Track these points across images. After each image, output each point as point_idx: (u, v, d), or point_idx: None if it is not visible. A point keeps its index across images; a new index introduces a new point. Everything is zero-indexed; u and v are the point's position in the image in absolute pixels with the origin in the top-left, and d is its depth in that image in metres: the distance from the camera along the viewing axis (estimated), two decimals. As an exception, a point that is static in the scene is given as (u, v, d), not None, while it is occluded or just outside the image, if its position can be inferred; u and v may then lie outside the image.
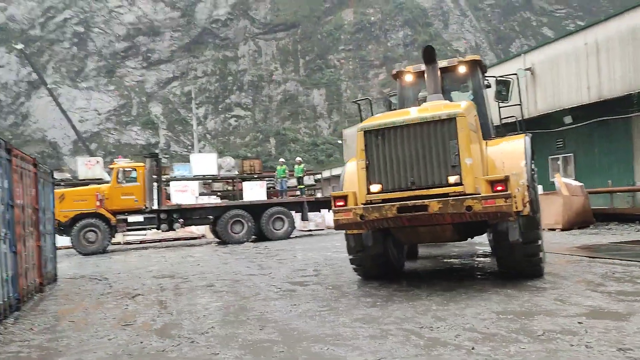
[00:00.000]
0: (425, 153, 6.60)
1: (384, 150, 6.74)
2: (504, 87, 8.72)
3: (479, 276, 8.48)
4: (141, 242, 21.10)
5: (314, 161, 70.34)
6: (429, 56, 7.62)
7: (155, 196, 18.52)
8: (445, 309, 6.00)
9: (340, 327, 5.49)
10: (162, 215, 18.50)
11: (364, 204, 6.77)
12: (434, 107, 7.02)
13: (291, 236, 19.94)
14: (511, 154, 7.36)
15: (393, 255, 8.48)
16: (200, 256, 15.29)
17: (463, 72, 8.69)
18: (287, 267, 10.96)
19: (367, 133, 6.84)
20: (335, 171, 45.29)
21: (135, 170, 18.58)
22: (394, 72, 9.39)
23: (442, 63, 8.38)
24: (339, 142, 73.03)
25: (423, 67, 8.30)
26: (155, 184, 18.45)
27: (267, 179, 26.80)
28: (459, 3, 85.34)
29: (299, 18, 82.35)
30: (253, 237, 19.54)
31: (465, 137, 6.47)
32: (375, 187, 6.79)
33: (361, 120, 8.76)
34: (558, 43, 18.00)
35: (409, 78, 9.05)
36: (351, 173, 7.73)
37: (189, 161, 26.63)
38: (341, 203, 6.99)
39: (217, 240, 20.54)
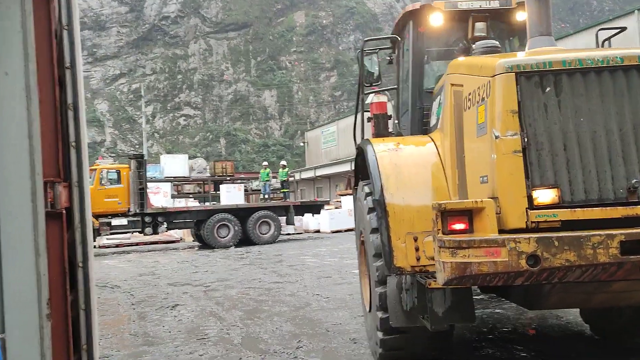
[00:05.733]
0: None
1: (564, 117, 3.35)
2: None
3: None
4: (117, 245, 20.36)
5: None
6: None
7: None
8: None
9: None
10: (147, 219, 18.00)
11: (528, 231, 3.26)
12: None
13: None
14: None
15: None
16: (196, 261, 14.97)
17: (521, 21, 5.48)
18: (308, 275, 10.91)
19: (524, 78, 3.37)
20: (306, 174, 44.86)
21: (119, 171, 17.99)
22: (411, 7, 5.79)
23: (492, 3, 5.51)
24: (295, 143, 73.24)
25: (464, 4, 5.51)
26: (139, 186, 17.87)
27: (239, 181, 26.48)
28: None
29: (250, 18, 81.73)
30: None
31: None
32: (545, 195, 3.30)
33: (360, 82, 5.98)
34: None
35: (437, 20, 5.60)
36: (395, 162, 4.48)
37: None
38: (463, 226, 3.29)
39: (199, 244, 20.14)
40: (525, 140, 3.32)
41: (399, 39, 5.95)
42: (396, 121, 5.88)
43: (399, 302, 4.09)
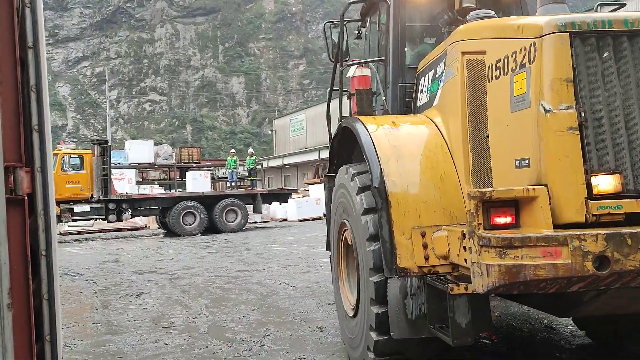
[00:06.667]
0: None
1: (625, 89, 2.86)
2: None
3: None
4: (80, 232, 19.94)
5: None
6: None
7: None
8: None
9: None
10: (111, 205, 17.66)
11: (588, 226, 2.75)
12: None
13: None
14: None
15: None
16: (161, 249, 14.78)
17: None
18: (275, 263, 10.89)
19: (579, 40, 2.86)
20: (273, 162, 44.58)
21: (82, 157, 17.60)
22: None
23: None
24: (263, 130, 72.76)
25: None
26: (103, 172, 17.51)
27: (205, 168, 26.21)
28: None
29: (218, 3, 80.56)
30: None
31: None
32: (606, 182, 2.80)
33: (338, 52, 5.38)
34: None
35: None
36: (394, 143, 3.84)
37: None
38: (509, 220, 2.78)
39: (164, 231, 19.90)
40: (582, 115, 2.78)
41: (387, 3, 5.11)
42: (383, 97, 5.12)
43: (403, 309, 3.44)
